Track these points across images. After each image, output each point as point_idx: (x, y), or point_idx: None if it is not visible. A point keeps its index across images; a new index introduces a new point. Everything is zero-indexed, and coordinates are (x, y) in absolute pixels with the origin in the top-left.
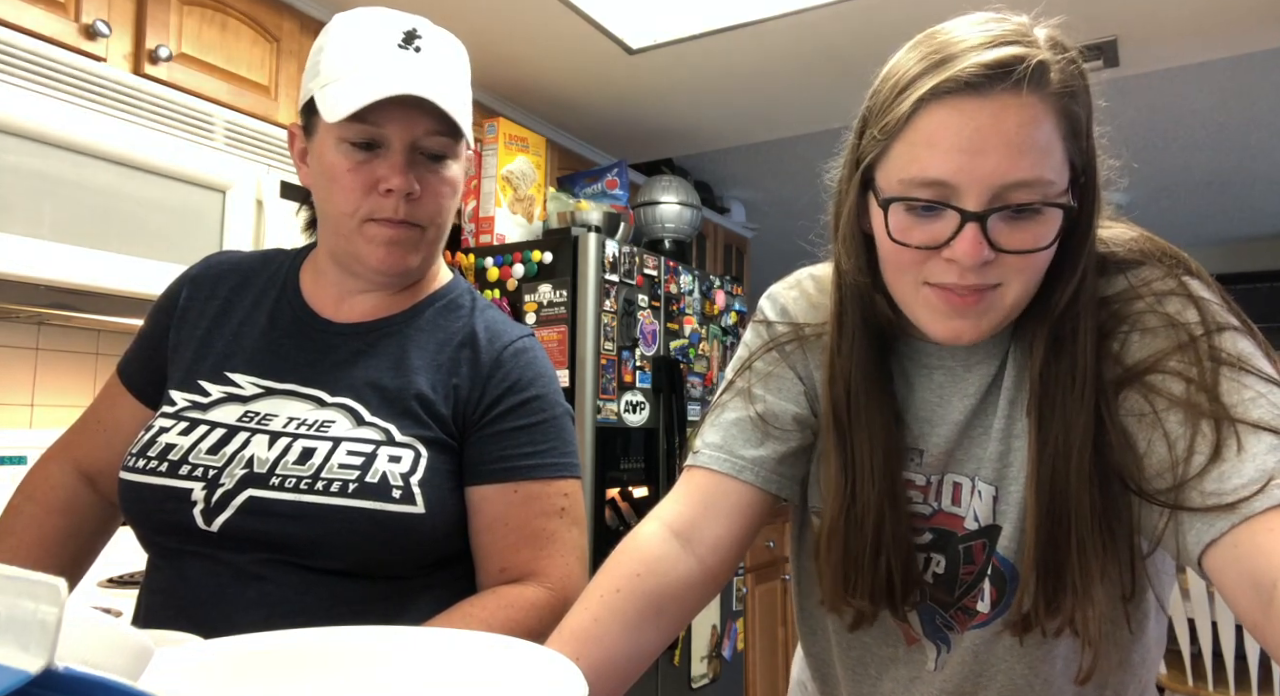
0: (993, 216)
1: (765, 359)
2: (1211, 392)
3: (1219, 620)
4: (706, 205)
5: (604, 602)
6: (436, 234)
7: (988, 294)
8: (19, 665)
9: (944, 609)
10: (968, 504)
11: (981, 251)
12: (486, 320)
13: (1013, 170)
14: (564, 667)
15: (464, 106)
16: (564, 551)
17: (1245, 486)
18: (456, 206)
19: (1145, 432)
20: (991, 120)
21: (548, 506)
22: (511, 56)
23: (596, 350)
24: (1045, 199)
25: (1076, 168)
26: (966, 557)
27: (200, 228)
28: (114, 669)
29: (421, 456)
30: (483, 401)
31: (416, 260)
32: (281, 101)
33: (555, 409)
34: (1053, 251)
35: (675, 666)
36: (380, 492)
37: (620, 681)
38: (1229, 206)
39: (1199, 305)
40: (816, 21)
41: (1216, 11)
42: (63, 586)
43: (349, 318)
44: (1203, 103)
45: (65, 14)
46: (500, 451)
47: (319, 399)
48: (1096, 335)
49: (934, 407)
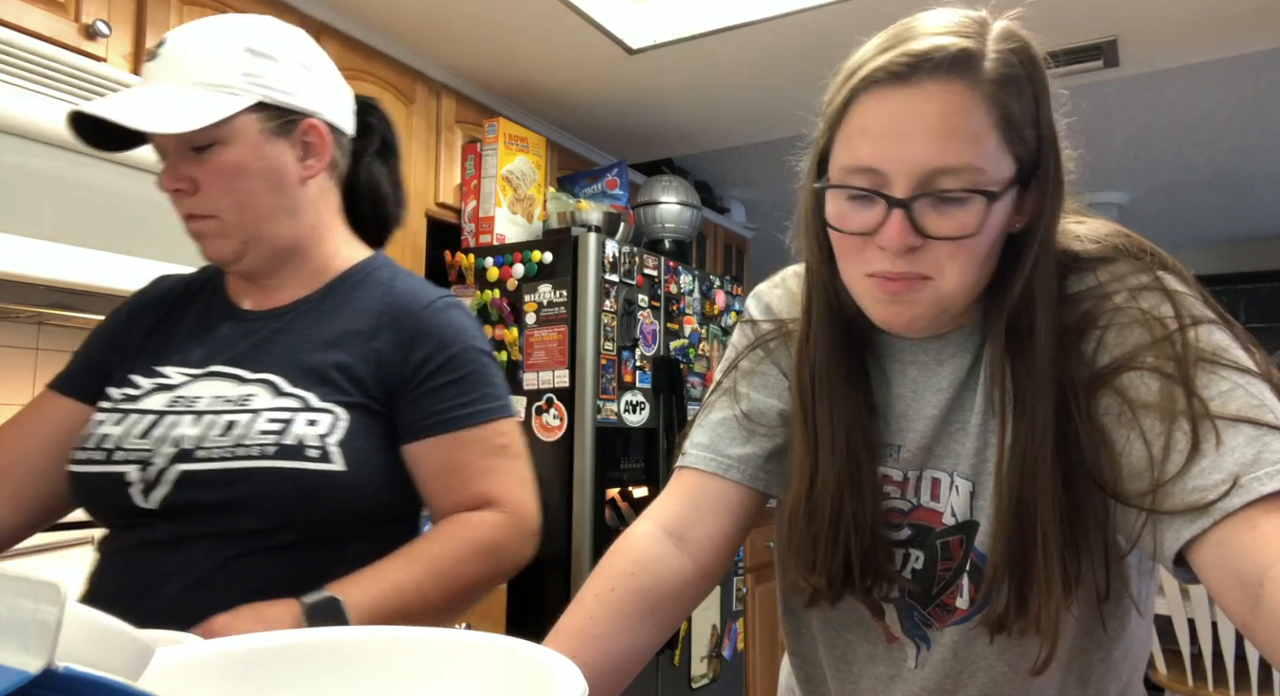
0: (920, 203)
1: (750, 357)
2: (1188, 387)
3: (1219, 620)
4: (706, 205)
5: (599, 601)
6: (239, 217)
7: (918, 282)
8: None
9: (922, 605)
10: (946, 499)
11: (906, 237)
12: (404, 287)
13: (936, 157)
14: (564, 667)
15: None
16: (512, 480)
17: (1224, 481)
18: (254, 188)
19: (1122, 431)
20: (913, 107)
21: (488, 447)
22: (511, 56)
23: (596, 350)
24: (973, 186)
25: (1022, 158)
26: (944, 553)
27: None
28: (114, 669)
29: (340, 419)
30: (409, 363)
31: (229, 247)
32: None
33: (481, 358)
34: (987, 240)
35: (675, 666)
36: (296, 453)
37: (617, 680)
38: (1229, 206)
39: (1173, 299)
40: (816, 21)
41: (1216, 11)
42: (63, 586)
43: (267, 305)
44: (1203, 103)
45: (65, 14)
46: (435, 406)
47: (240, 377)
48: (1058, 332)
49: (909, 402)
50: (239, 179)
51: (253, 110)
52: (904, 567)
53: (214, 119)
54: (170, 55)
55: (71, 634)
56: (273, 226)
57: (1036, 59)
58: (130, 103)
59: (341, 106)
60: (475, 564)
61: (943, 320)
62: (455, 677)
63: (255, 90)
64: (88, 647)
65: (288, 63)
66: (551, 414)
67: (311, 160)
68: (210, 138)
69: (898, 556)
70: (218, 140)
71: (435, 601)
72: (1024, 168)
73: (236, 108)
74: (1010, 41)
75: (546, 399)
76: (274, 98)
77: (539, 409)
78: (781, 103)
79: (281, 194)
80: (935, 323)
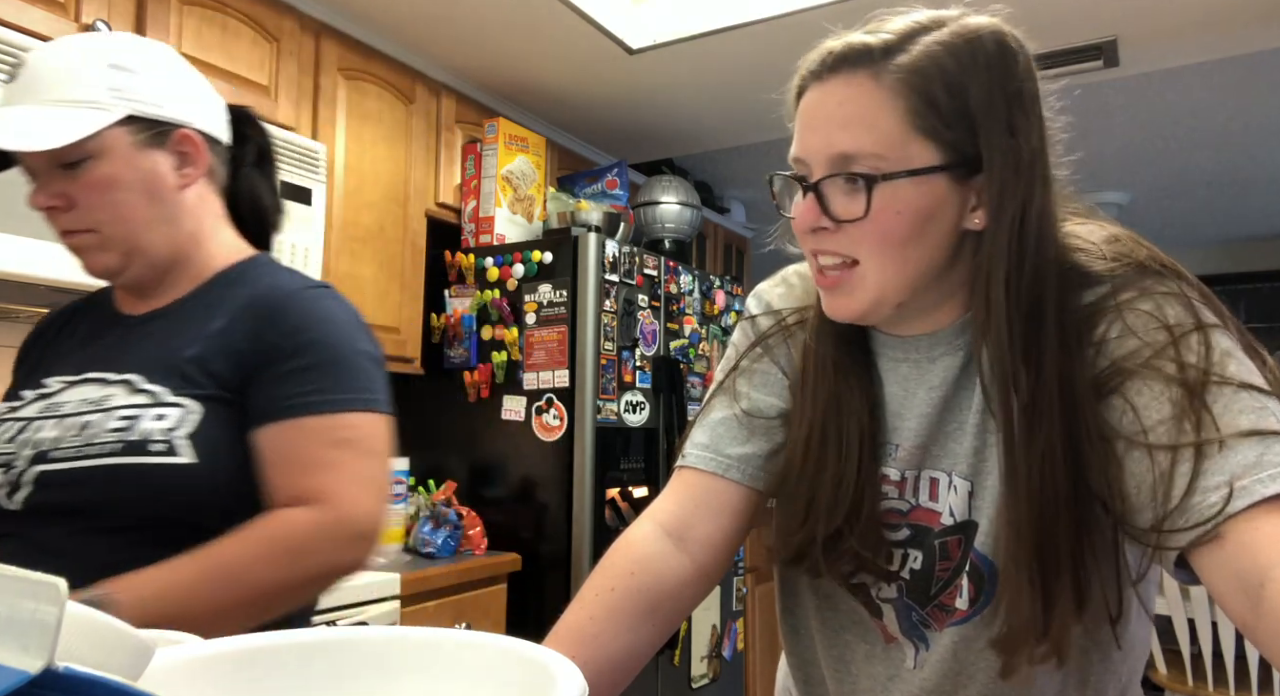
0: (827, 186)
1: (750, 356)
2: (1200, 405)
3: (1219, 620)
4: (706, 205)
5: (599, 601)
6: (118, 230)
7: (844, 272)
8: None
9: (920, 606)
10: (944, 499)
11: (810, 218)
12: (274, 280)
13: (835, 144)
14: (564, 667)
15: (52, 115)
16: (346, 478)
17: (1225, 483)
18: (130, 200)
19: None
20: (823, 100)
21: (329, 438)
22: (511, 56)
23: (596, 350)
24: (873, 171)
25: (957, 148)
26: (943, 553)
27: None
28: (114, 669)
29: (191, 412)
30: (261, 349)
31: (111, 260)
32: (281, 101)
33: (340, 348)
34: (902, 225)
35: (675, 666)
36: (140, 448)
37: (617, 679)
38: (1229, 206)
39: (1184, 304)
40: (816, 21)
41: (1216, 11)
42: (63, 586)
43: (146, 309)
44: (1203, 103)
45: (65, 14)
46: (279, 392)
47: (104, 379)
48: (1070, 343)
49: (901, 400)
50: (113, 192)
51: (122, 124)
52: (902, 567)
53: (83, 134)
54: (32, 76)
55: (71, 634)
56: (152, 236)
57: (989, 55)
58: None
59: (214, 116)
60: (271, 566)
61: (885, 311)
62: (455, 677)
63: (123, 104)
64: (88, 647)
65: (153, 75)
66: (551, 414)
67: (188, 169)
68: (81, 153)
69: (896, 556)
70: (89, 155)
71: (213, 605)
72: (963, 158)
73: (105, 122)
74: (959, 38)
75: (546, 399)
76: (142, 110)
77: (539, 409)
78: (782, 103)
79: (159, 203)
80: (880, 313)
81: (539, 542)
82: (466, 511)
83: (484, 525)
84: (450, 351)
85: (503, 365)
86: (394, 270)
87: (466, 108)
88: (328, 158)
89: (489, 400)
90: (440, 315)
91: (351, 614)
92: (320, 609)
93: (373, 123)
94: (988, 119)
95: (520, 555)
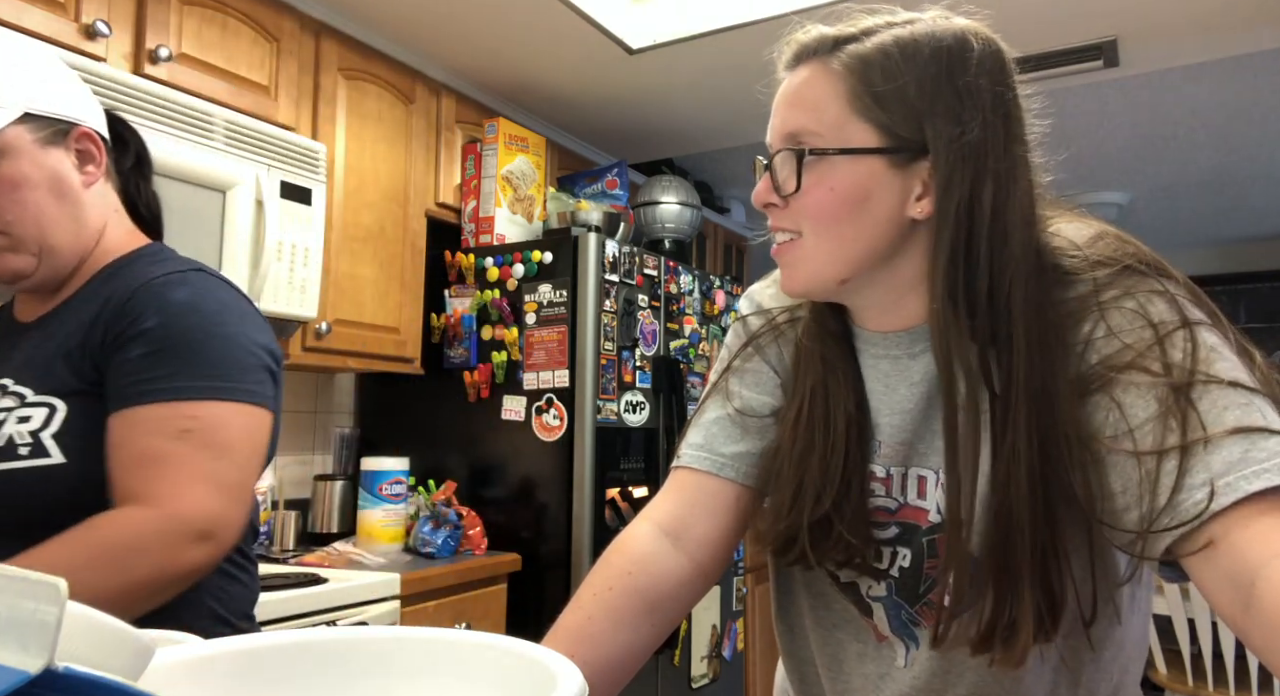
0: (778, 160)
1: (742, 356)
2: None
3: (1219, 620)
4: (706, 205)
5: (597, 601)
6: (29, 231)
7: (791, 246)
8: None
9: (910, 604)
10: (931, 496)
11: (760, 191)
12: (145, 269)
13: (786, 123)
14: (564, 667)
15: None
16: (181, 473)
17: (1209, 481)
18: (37, 198)
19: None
20: (783, 87)
21: (165, 428)
22: (511, 56)
23: (596, 350)
24: (808, 147)
25: (895, 133)
26: (930, 551)
27: (200, 228)
28: (114, 669)
29: (57, 410)
30: (107, 338)
31: (23, 262)
32: (281, 101)
33: (191, 333)
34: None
35: (675, 666)
36: (6, 453)
37: (615, 678)
38: (1229, 206)
39: (1168, 300)
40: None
41: (1216, 11)
42: (63, 586)
43: (37, 314)
44: (1203, 103)
45: (65, 14)
46: (118, 381)
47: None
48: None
49: (882, 396)
50: (22, 190)
51: (20, 121)
52: (891, 565)
53: None
54: None
55: (71, 634)
56: (62, 235)
57: (940, 49)
58: None
59: (100, 117)
60: (98, 572)
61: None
62: (455, 677)
63: (18, 101)
64: (88, 647)
65: (42, 74)
66: (551, 414)
67: (90, 167)
68: None
69: (885, 554)
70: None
71: None
72: (903, 144)
73: (6, 119)
74: (917, 33)
75: (546, 399)
76: (38, 108)
77: (539, 409)
78: None
79: (66, 202)
80: (822, 288)
81: (539, 542)
82: (466, 511)
83: (484, 525)
84: (450, 351)
85: (503, 365)
86: (394, 270)
87: (466, 108)
88: (328, 158)
89: (489, 400)
90: (440, 315)
91: (351, 614)
92: (320, 609)
93: (373, 123)
94: (931, 108)
95: (520, 555)
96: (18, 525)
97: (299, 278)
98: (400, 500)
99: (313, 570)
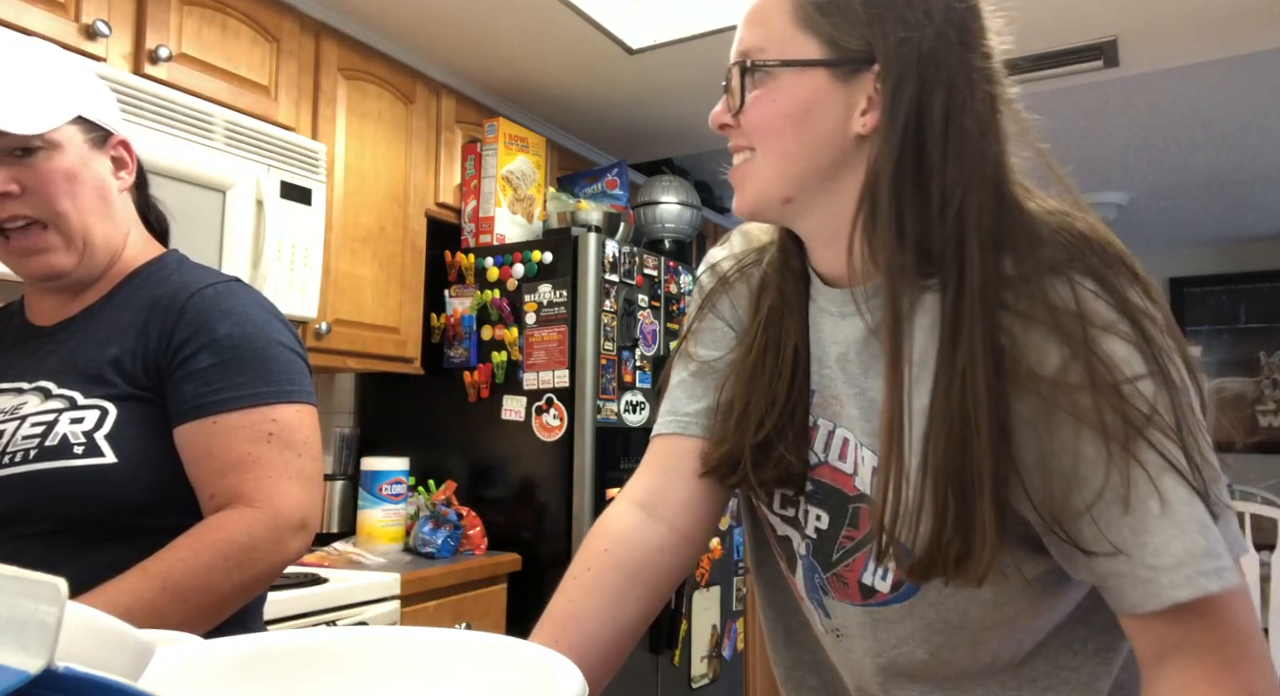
0: (731, 80)
1: (698, 317)
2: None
3: None
4: (706, 205)
5: (577, 583)
6: (75, 222)
7: (745, 165)
8: (19, 665)
9: (822, 569)
10: (853, 462)
11: (718, 111)
12: (182, 277)
13: (740, 42)
14: (564, 667)
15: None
16: (273, 473)
17: (1171, 569)
18: (87, 194)
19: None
20: None
21: (251, 433)
22: (511, 56)
23: (596, 350)
24: (750, 61)
25: (840, 45)
26: (852, 520)
27: (200, 228)
28: (114, 669)
29: (109, 413)
30: (169, 348)
31: (65, 259)
32: (281, 101)
33: (253, 342)
34: (786, 112)
35: (675, 666)
36: (61, 452)
37: (606, 658)
38: (1229, 206)
39: (1081, 301)
40: None
41: (1216, 11)
42: (63, 586)
43: (59, 318)
44: (1203, 103)
45: (65, 14)
46: (194, 390)
47: (19, 388)
48: (994, 256)
49: (824, 346)
50: (74, 183)
51: (74, 122)
52: (805, 525)
53: (60, 121)
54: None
55: (71, 634)
56: (102, 234)
57: None
58: None
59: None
60: (223, 571)
61: (773, 206)
62: (455, 677)
63: (74, 103)
64: (88, 647)
65: (89, 83)
66: (551, 414)
67: (123, 173)
68: (42, 141)
69: (802, 511)
70: (46, 145)
71: (175, 617)
72: (847, 57)
73: (69, 115)
74: None
75: (546, 399)
76: (88, 113)
77: (539, 409)
78: None
79: (107, 203)
80: (769, 207)
81: (539, 542)
82: (466, 511)
83: (484, 525)
84: (450, 351)
85: (503, 365)
86: (394, 270)
87: (466, 108)
88: (328, 158)
89: (489, 400)
90: (440, 315)
91: (351, 614)
92: (320, 609)
93: (373, 123)
94: (879, 16)
95: (520, 555)
96: (57, 524)
97: (299, 278)
98: (400, 500)
99: (313, 570)
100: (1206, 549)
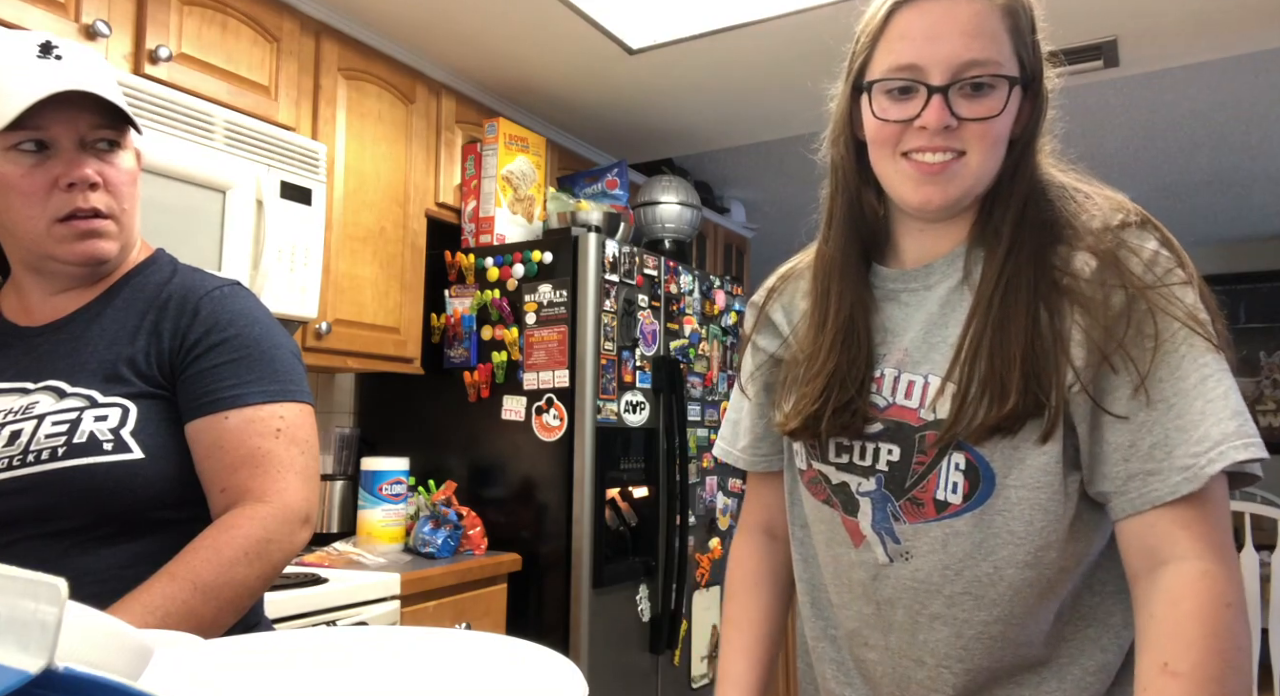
0: (954, 90)
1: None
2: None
3: None
4: (706, 205)
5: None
6: (128, 220)
7: (952, 163)
8: (19, 665)
9: (895, 497)
10: (918, 396)
11: (944, 116)
12: (185, 279)
13: (966, 51)
14: (564, 667)
15: (121, 99)
16: (281, 469)
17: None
18: (136, 195)
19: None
20: (947, 14)
21: (261, 428)
22: (511, 56)
23: (596, 350)
24: (997, 74)
25: (1025, 66)
26: (920, 447)
27: (200, 228)
28: (114, 669)
29: (130, 410)
30: (183, 347)
31: (113, 248)
32: (281, 101)
33: (262, 343)
34: (1005, 125)
35: (675, 666)
36: (91, 448)
37: (772, 648)
38: (1229, 206)
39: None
40: (816, 21)
41: (1216, 11)
42: (63, 586)
43: (49, 318)
44: (1203, 103)
45: (65, 14)
46: (206, 387)
47: (24, 389)
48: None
49: (899, 321)
50: (134, 185)
51: None
52: (877, 460)
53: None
54: (76, 61)
55: (71, 634)
56: (136, 234)
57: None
58: (89, 84)
59: None
60: (245, 565)
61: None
62: (456, 677)
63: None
64: (88, 647)
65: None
66: (551, 414)
67: (140, 172)
68: (116, 138)
69: (869, 451)
70: (121, 144)
71: (209, 615)
72: (1026, 74)
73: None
74: None
75: (546, 399)
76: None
77: (539, 409)
78: (782, 103)
79: (136, 200)
80: (964, 202)
81: (539, 542)
82: (466, 511)
83: (484, 525)
84: (450, 351)
85: (503, 365)
86: (394, 270)
87: (466, 108)
88: (328, 158)
89: (489, 400)
90: (440, 315)
91: (351, 614)
92: (320, 609)
93: (373, 122)
94: (1037, 49)
95: (520, 555)
96: (95, 516)
97: (299, 278)
98: (400, 500)
99: (313, 570)
100: (1239, 429)
